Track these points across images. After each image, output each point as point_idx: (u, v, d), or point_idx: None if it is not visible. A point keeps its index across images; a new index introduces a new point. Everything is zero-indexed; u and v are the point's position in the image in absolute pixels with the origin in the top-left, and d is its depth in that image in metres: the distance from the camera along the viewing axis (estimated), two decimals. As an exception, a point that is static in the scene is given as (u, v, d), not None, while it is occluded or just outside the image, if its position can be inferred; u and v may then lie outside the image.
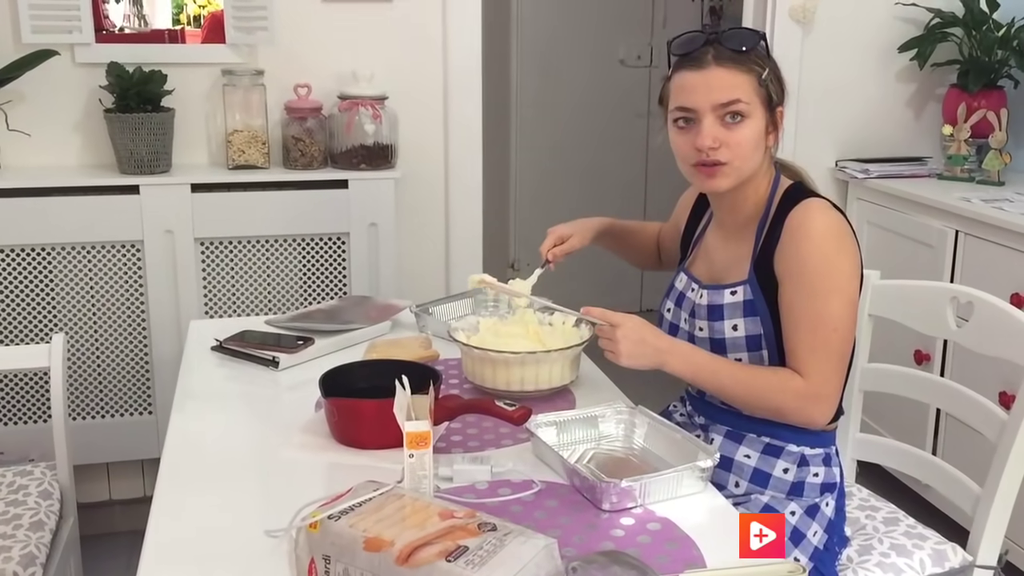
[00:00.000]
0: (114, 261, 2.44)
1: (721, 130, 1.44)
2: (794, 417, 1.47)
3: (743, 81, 1.44)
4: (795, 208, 1.45)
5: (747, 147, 1.45)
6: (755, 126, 1.45)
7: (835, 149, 2.98)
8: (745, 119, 1.44)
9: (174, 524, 1.24)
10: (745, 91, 1.44)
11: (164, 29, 3.85)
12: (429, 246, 2.82)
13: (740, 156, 1.46)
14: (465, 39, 2.72)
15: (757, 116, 1.45)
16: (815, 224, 1.43)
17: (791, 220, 1.44)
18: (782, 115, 1.50)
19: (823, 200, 1.47)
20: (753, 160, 1.48)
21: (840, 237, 1.44)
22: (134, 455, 2.56)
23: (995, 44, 2.78)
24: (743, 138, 1.44)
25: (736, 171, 1.47)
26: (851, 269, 1.45)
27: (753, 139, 1.46)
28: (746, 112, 1.44)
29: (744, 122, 1.44)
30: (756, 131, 1.46)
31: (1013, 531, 1.57)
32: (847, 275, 1.44)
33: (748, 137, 1.45)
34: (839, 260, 1.43)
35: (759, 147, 1.48)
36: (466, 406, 1.42)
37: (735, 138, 1.44)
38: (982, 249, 2.40)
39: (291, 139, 2.57)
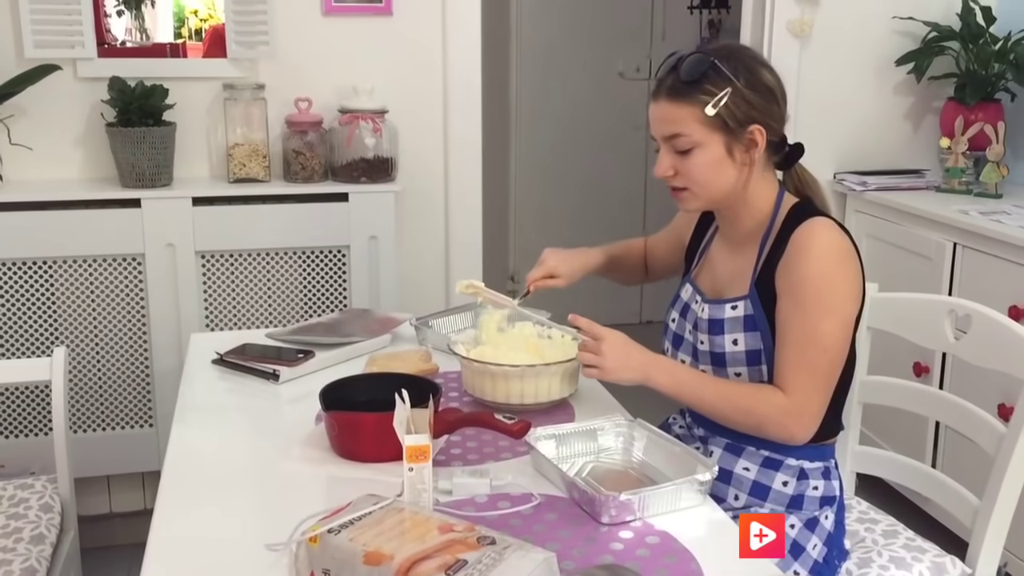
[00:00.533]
0: (115, 274, 2.45)
1: (676, 159, 1.48)
2: (774, 433, 1.47)
3: (685, 114, 1.45)
4: (801, 226, 1.45)
5: (700, 175, 1.48)
6: (706, 154, 1.46)
7: (833, 162, 2.99)
8: (694, 149, 1.46)
9: (175, 537, 1.24)
10: (686, 124, 1.45)
11: (166, 43, 3.86)
12: (429, 259, 2.82)
13: (696, 183, 1.49)
14: (465, 52, 2.74)
15: (710, 143, 1.45)
16: (818, 243, 1.43)
17: (796, 237, 1.44)
18: (759, 132, 1.46)
19: (829, 220, 1.47)
20: (717, 184, 1.49)
21: (841, 258, 1.44)
22: (135, 468, 2.56)
23: (992, 57, 2.80)
24: (692, 167, 1.47)
25: (697, 196, 1.51)
26: (849, 291, 1.45)
27: (705, 167, 1.47)
28: (692, 143, 1.46)
29: (693, 152, 1.46)
30: (708, 159, 1.46)
31: (1012, 543, 1.58)
32: (843, 297, 1.44)
33: (697, 166, 1.47)
34: (837, 281, 1.43)
35: (720, 172, 1.47)
36: (465, 419, 1.43)
37: (686, 167, 1.48)
38: (980, 262, 2.40)
39: (292, 152, 2.58)
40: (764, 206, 1.53)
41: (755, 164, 1.49)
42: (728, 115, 1.44)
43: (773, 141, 1.51)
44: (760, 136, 1.46)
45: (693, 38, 4.40)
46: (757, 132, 1.46)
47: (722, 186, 1.49)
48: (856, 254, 1.48)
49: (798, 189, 1.56)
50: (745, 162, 1.48)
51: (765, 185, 1.53)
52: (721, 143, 1.46)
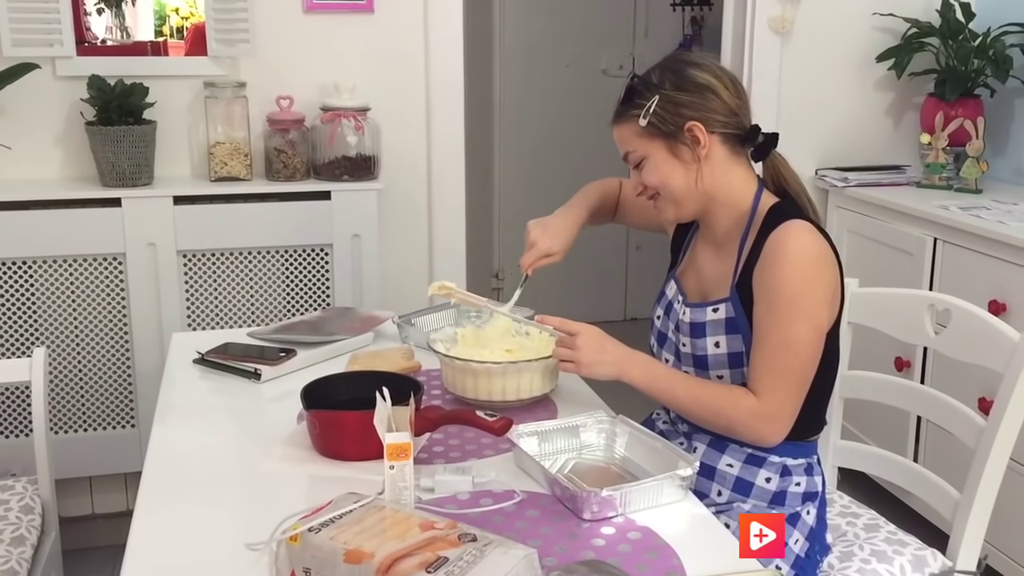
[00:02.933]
0: (96, 274, 2.43)
1: (638, 175, 1.56)
2: (745, 435, 1.48)
3: (626, 132, 1.54)
4: (776, 229, 1.45)
5: (656, 182, 1.53)
6: (653, 162, 1.52)
7: (815, 158, 3.00)
8: (643, 161, 1.53)
9: (155, 537, 1.24)
10: (629, 141, 1.54)
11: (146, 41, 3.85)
12: (412, 257, 2.82)
13: (659, 188, 1.54)
14: (447, 50, 2.73)
15: (653, 151, 1.51)
16: (793, 248, 1.43)
17: (771, 240, 1.44)
18: (698, 128, 1.47)
19: (806, 223, 1.46)
20: (673, 187, 1.52)
21: (817, 263, 1.44)
22: (117, 469, 2.55)
23: (971, 53, 2.81)
24: (648, 178, 1.54)
25: (668, 201, 1.55)
26: (823, 296, 1.45)
27: (657, 174, 1.52)
28: (639, 156, 1.54)
29: (644, 164, 1.54)
30: (656, 164, 1.52)
31: (992, 536, 1.59)
32: (817, 302, 1.44)
33: (651, 174, 1.53)
34: (811, 287, 1.43)
35: (671, 175, 1.51)
36: (447, 417, 1.42)
37: (645, 180, 1.55)
38: (960, 256, 2.42)
39: (273, 151, 2.57)
40: (740, 202, 1.53)
41: (708, 160, 1.50)
42: (660, 121, 1.49)
43: (733, 134, 1.50)
44: (700, 132, 1.48)
45: (676, 35, 4.41)
46: (696, 129, 1.48)
47: (679, 188, 1.52)
48: (833, 257, 1.47)
49: (776, 184, 1.56)
50: (694, 160, 1.50)
51: (736, 180, 1.53)
52: (663, 148, 1.50)
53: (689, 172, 1.50)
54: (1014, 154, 2.91)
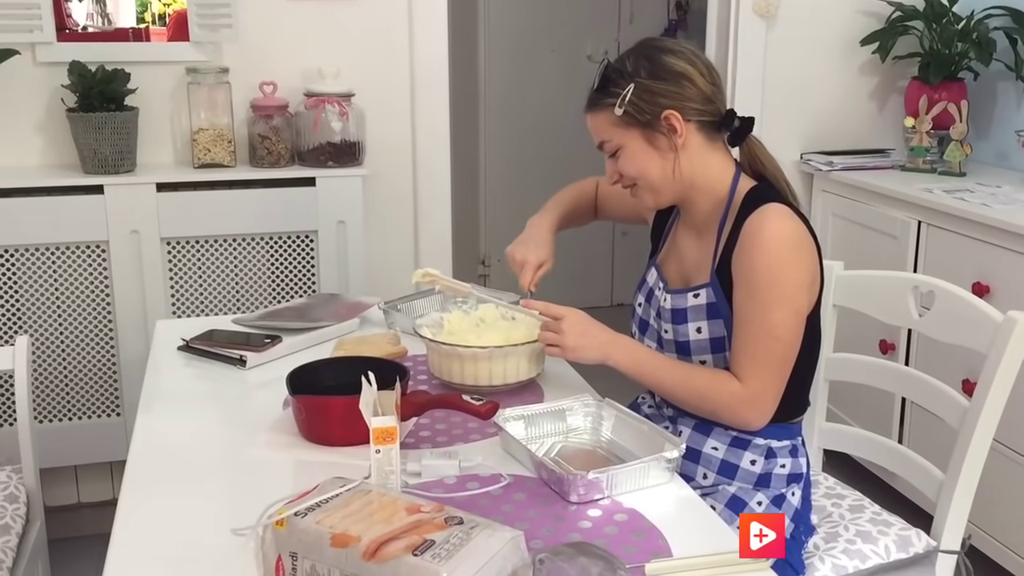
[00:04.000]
0: (79, 262, 2.41)
1: (614, 164, 1.55)
2: (728, 419, 1.48)
3: (601, 121, 1.52)
4: (753, 214, 1.44)
5: (633, 172, 1.52)
6: (629, 151, 1.51)
7: (799, 142, 3.01)
8: (620, 150, 1.52)
9: (140, 525, 1.23)
10: (605, 130, 1.52)
11: (128, 28, 3.81)
12: (398, 243, 2.81)
13: (637, 178, 1.53)
14: (432, 35, 2.72)
15: (629, 140, 1.50)
16: (769, 232, 1.43)
17: (748, 225, 1.44)
18: (674, 117, 1.46)
19: (782, 207, 1.46)
20: (650, 176, 1.51)
21: (794, 247, 1.44)
22: (102, 457, 2.54)
23: (955, 37, 2.82)
24: (624, 167, 1.53)
25: (646, 190, 1.54)
26: (801, 279, 1.45)
27: (633, 163, 1.51)
28: (615, 146, 1.52)
29: (619, 152, 1.53)
30: (632, 154, 1.51)
31: (976, 516, 1.60)
32: (795, 285, 1.44)
33: (627, 164, 1.52)
34: (789, 271, 1.43)
35: (648, 164, 1.50)
36: (434, 401, 1.42)
37: (621, 168, 1.54)
38: (944, 239, 2.43)
39: (257, 137, 2.55)
40: (719, 188, 1.53)
41: (685, 148, 1.49)
42: (635, 110, 1.47)
43: (709, 121, 1.50)
44: (676, 120, 1.47)
45: (661, 20, 4.41)
46: (672, 117, 1.47)
47: (656, 176, 1.51)
48: (811, 240, 1.47)
49: (753, 167, 1.55)
50: (671, 148, 1.49)
51: (714, 166, 1.52)
52: (639, 137, 1.49)
53: (666, 161, 1.50)
54: (997, 137, 2.92)
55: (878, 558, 1.53)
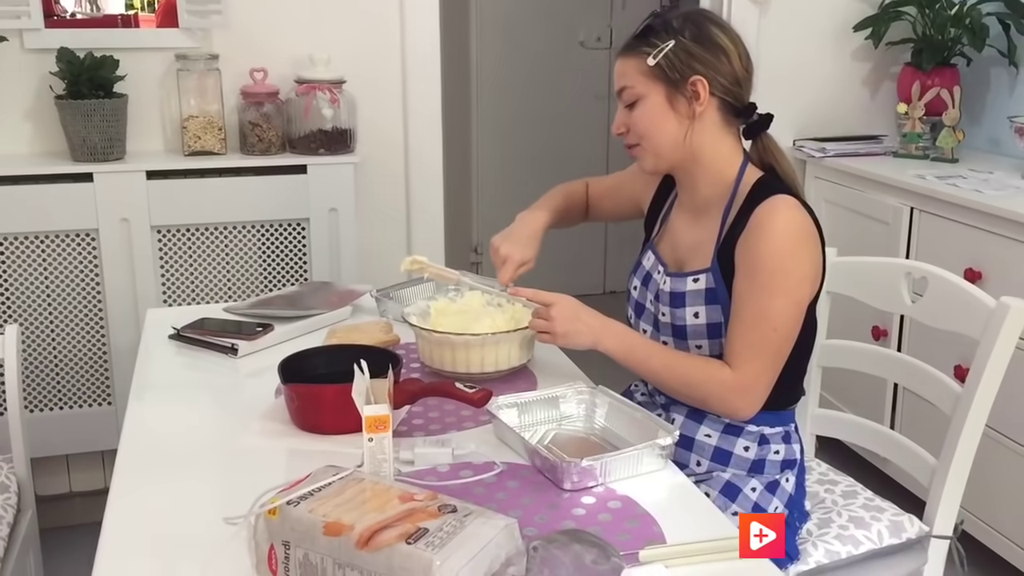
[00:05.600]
0: (69, 250, 2.40)
1: (627, 115, 1.53)
2: (718, 407, 1.48)
3: (630, 67, 1.51)
4: (763, 203, 1.44)
5: (643, 127, 1.51)
6: (648, 104, 1.50)
7: (792, 128, 3.00)
8: (638, 101, 1.51)
9: (132, 514, 1.23)
10: (631, 76, 1.51)
11: (117, 14, 3.77)
12: (390, 230, 2.80)
13: (643, 136, 1.52)
14: (423, 21, 2.70)
15: (652, 93, 1.49)
16: (778, 223, 1.42)
17: (757, 214, 1.44)
18: (701, 84, 1.47)
19: (792, 199, 1.45)
20: (660, 136, 1.50)
21: (801, 239, 1.44)
22: (93, 446, 2.53)
23: (948, 22, 2.81)
24: (637, 119, 1.52)
25: (648, 151, 1.53)
26: (805, 272, 1.45)
27: (647, 118, 1.50)
28: (636, 95, 1.51)
29: (637, 104, 1.51)
30: (650, 108, 1.50)
31: (968, 501, 1.60)
32: (799, 278, 1.44)
33: (641, 117, 1.51)
34: (793, 263, 1.43)
35: (662, 123, 1.49)
36: (427, 389, 1.42)
37: (633, 121, 1.52)
38: (937, 225, 2.43)
39: (248, 124, 2.54)
40: (725, 172, 1.52)
41: (701, 119, 1.49)
42: (668, 66, 1.47)
43: (731, 104, 1.50)
44: (703, 88, 1.47)
45: (653, 6, 4.38)
46: (699, 83, 1.47)
47: (666, 138, 1.50)
48: (817, 234, 1.47)
49: (762, 159, 1.55)
50: (688, 115, 1.49)
51: (724, 148, 1.52)
52: (662, 93, 1.49)
53: (680, 126, 1.50)
54: (990, 123, 2.92)
55: (871, 543, 1.53)
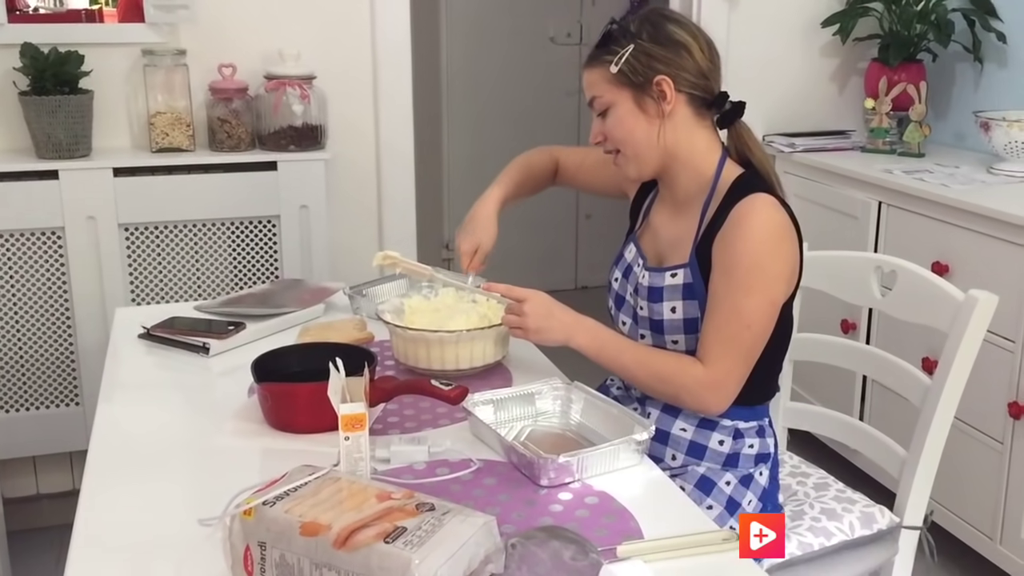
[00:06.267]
0: (34, 249, 2.36)
1: (601, 123, 1.55)
2: (690, 403, 1.49)
3: (596, 76, 1.52)
4: (742, 201, 1.45)
5: (617, 133, 1.52)
6: (619, 111, 1.51)
7: (762, 123, 3.02)
8: (609, 109, 1.52)
9: (103, 516, 1.21)
10: (598, 86, 1.52)
11: (81, 9, 3.72)
12: (362, 227, 2.79)
13: (620, 142, 1.53)
14: (393, 16, 2.69)
15: (620, 100, 1.50)
16: (755, 221, 1.43)
17: (736, 212, 1.44)
18: (666, 83, 1.47)
19: (771, 198, 1.46)
20: (634, 140, 1.51)
21: (777, 239, 1.44)
22: (61, 447, 2.49)
23: (914, 18, 2.85)
24: (610, 127, 1.53)
25: (628, 158, 1.54)
26: (780, 271, 1.45)
27: (620, 124, 1.51)
28: (606, 103, 1.52)
29: (609, 112, 1.52)
30: (621, 115, 1.51)
31: (937, 492, 1.62)
32: (774, 276, 1.45)
33: (614, 124, 1.52)
34: (770, 261, 1.44)
35: (634, 127, 1.50)
36: (402, 387, 1.41)
37: (607, 129, 1.53)
38: (904, 219, 2.46)
39: (217, 121, 2.51)
40: (703, 167, 1.52)
41: (671, 117, 1.49)
42: (631, 70, 1.48)
43: (700, 97, 1.50)
44: (668, 87, 1.47)
45: (623, 2, 4.39)
46: (664, 83, 1.47)
47: (640, 141, 1.51)
48: (795, 233, 1.48)
49: (740, 153, 1.55)
50: (658, 115, 1.49)
51: (700, 143, 1.53)
52: (630, 98, 1.49)
53: (652, 126, 1.50)
54: (955, 118, 2.96)
55: (843, 535, 1.55)
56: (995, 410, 2.17)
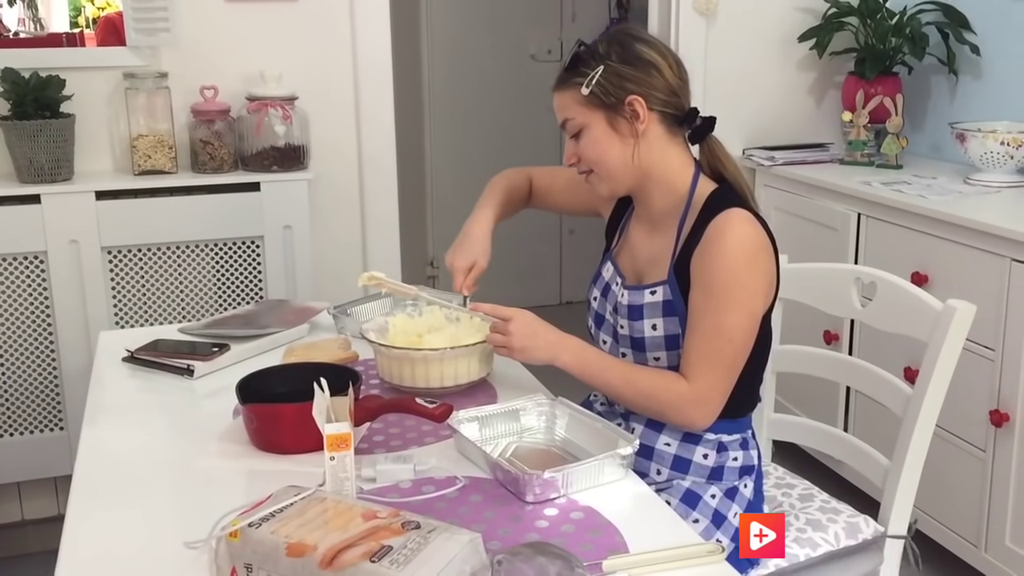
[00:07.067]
0: (16, 274, 2.36)
1: (574, 145, 1.55)
2: (675, 419, 1.50)
3: (567, 99, 1.53)
4: (717, 216, 1.45)
5: (591, 154, 1.53)
6: (592, 132, 1.51)
7: (742, 137, 3.05)
8: (582, 131, 1.53)
9: (89, 541, 1.21)
10: (570, 108, 1.52)
11: (62, 33, 3.72)
12: (345, 247, 2.79)
13: (595, 163, 1.54)
14: (374, 36, 2.70)
15: (593, 121, 1.51)
16: (731, 237, 1.44)
17: (712, 228, 1.45)
18: (638, 103, 1.48)
19: (746, 212, 1.47)
20: (609, 161, 1.52)
21: (754, 253, 1.45)
22: (46, 473, 2.48)
23: (889, 32, 2.88)
24: (585, 147, 1.53)
25: (602, 178, 1.55)
26: (759, 285, 1.46)
27: (594, 145, 1.52)
28: (578, 125, 1.53)
29: (582, 133, 1.53)
30: (594, 136, 1.51)
31: (921, 501, 1.63)
32: (752, 291, 1.46)
33: (587, 146, 1.53)
34: (747, 276, 1.45)
35: (608, 147, 1.51)
36: (387, 405, 1.41)
37: (581, 150, 1.54)
38: (883, 230, 2.48)
39: (199, 142, 2.52)
40: (677, 184, 1.54)
41: (645, 136, 1.50)
42: (602, 91, 1.49)
43: (671, 114, 1.51)
44: (640, 107, 1.48)
45: (603, 19, 4.43)
46: (636, 103, 1.48)
47: (614, 161, 1.52)
48: (771, 247, 1.49)
49: (713, 168, 1.56)
50: (632, 134, 1.50)
51: (674, 160, 1.54)
52: (603, 119, 1.50)
53: (626, 147, 1.51)
54: (932, 129, 3.00)
55: (828, 545, 1.55)
56: (977, 418, 2.19)
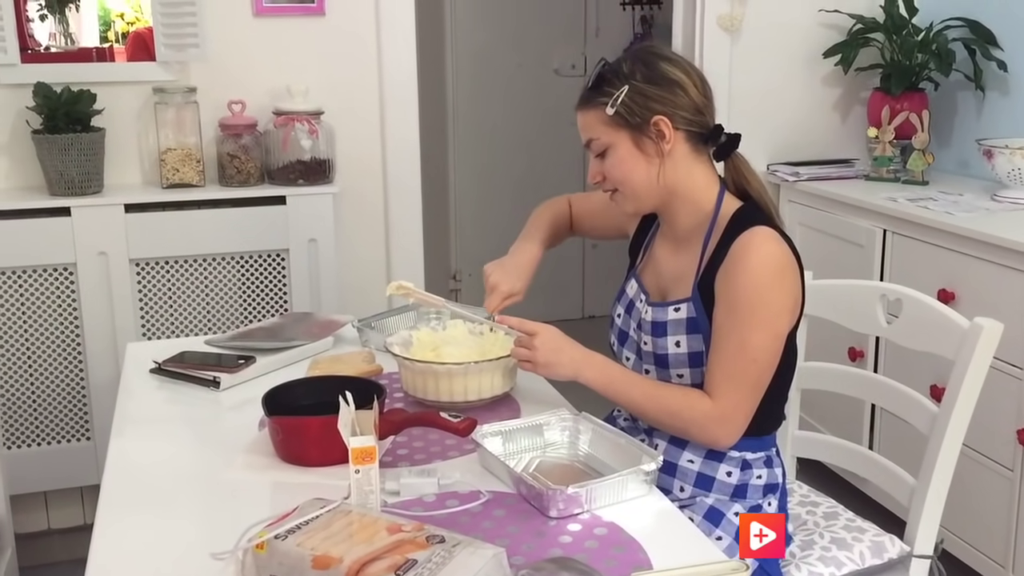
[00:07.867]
0: (46, 285, 2.39)
1: (600, 163, 1.54)
2: (698, 437, 1.49)
3: (592, 119, 1.53)
4: (742, 235, 1.45)
5: (617, 174, 1.53)
6: (619, 152, 1.51)
7: (766, 153, 3.04)
8: (607, 150, 1.52)
9: (116, 551, 1.22)
10: (595, 128, 1.52)
11: (92, 47, 3.77)
12: (370, 260, 2.81)
13: (620, 183, 1.53)
14: (400, 51, 2.73)
15: (619, 141, 1.51)
16: (756, 255, 1.43)
17: (736, 246, 1.45)
18: (664, 123, 1.48)
19: (771, 230, 1.46)
20: (634, 180, 1.51)
21: (778, 272, 1.45)
22: (73, 483, 2.50)
23: (915, 48, 2.87)
24: (610, 168, 1.53)
25: (627, 196, 1.55)
26: (784, 304, 1.46)
27: (620, 165, 1.51)
28: (603, 145, 1.52)
29: (607, 152, 1.53)
30: (621, 155, 1.51)
31: (947, 520, 1.62)
32: (777, 310, 1.45)
33: (613, 165, 1.52)
34: (772, 295, 1.44)
35: (634, 167, 1.51)
36: (411, 419, 1.42)
37: (606, 169, 1.54)
38: (909, 247, 2.47)
39: (226, 156, 2.54)
40: (702, 202, 1.54)
41: (671, 155, 1.50)
42: (627, 112, 1.48)
43: (697, 132, 1.51)
44: (666, 126, 1.48)
45: (626, 35, 4.44)
46: (662, 123, 1.48)
47: (640, 181, 1.52)
48: (796, 265, 1.48)
49: (737, 185, 1.56)
50: (658, 154, 1.50)
51: (699, 178, 1.54)
52: (628, 139, 1.50)
53: (651, 166, 1.51)
54: (958, 146, 2.98)
55: (853, 564, 1.54)
56: (1004, 437, 2.17)
